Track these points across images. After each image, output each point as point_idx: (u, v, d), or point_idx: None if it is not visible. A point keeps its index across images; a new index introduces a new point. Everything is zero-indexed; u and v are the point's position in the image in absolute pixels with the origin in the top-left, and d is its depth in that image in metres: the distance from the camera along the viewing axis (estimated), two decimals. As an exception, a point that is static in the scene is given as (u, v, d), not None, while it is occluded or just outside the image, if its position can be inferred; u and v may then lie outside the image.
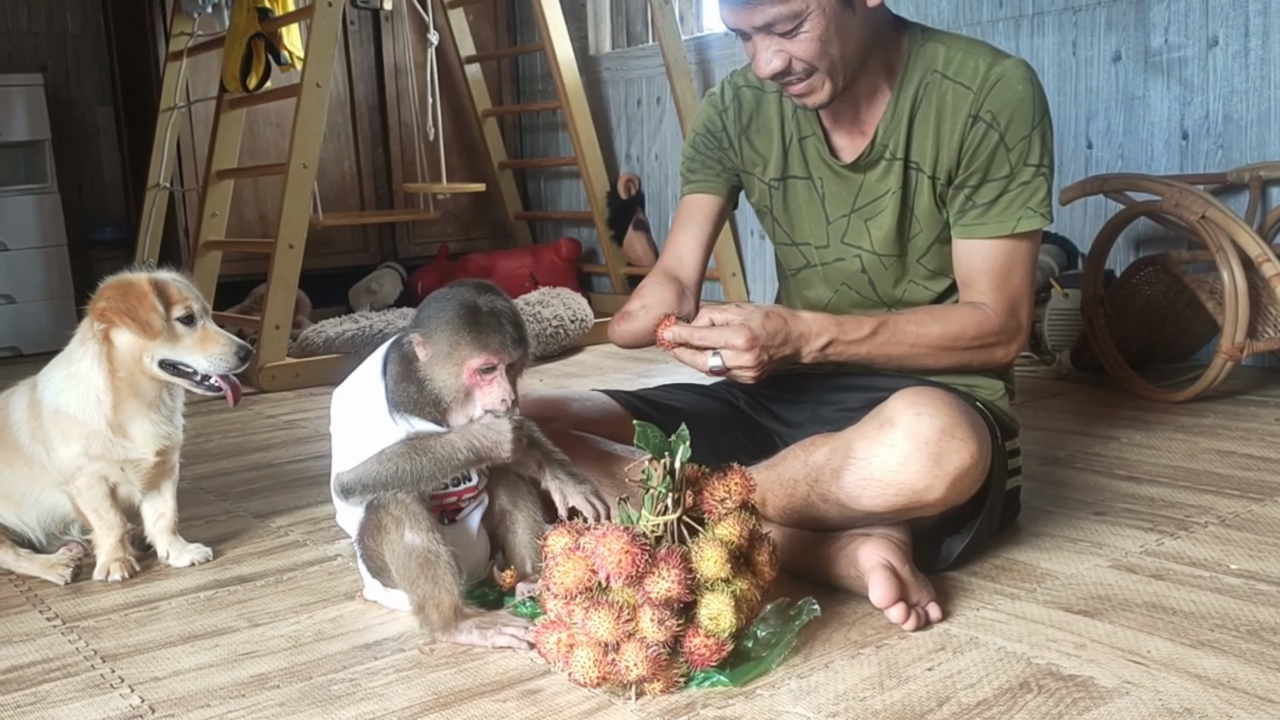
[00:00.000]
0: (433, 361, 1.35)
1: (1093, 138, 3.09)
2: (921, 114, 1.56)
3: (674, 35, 4.05)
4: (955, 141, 1.54)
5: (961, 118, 1.53)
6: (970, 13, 3.32)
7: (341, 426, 1.44)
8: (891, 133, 1.58)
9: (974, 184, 1.55)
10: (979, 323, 1.56)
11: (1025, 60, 1.55)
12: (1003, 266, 1.56)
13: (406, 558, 1.35)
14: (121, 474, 1.67)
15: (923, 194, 1.59)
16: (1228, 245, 2.34)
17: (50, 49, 4.55)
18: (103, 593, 1.63)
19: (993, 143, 1.52)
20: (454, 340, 1.34)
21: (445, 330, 1.34)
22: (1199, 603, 1.40)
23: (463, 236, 4.89)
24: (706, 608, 1.20)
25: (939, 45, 1.57)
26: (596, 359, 3.56)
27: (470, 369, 1.34)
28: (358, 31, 4.61)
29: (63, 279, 4.20)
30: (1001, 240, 1.55)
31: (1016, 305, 1.57)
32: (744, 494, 1.27)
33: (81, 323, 1.66)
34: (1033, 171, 1.53)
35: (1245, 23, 2.76)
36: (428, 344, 1.35)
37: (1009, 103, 1.51)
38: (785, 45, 1.46)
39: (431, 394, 1.36)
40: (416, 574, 1.34)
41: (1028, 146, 1.53)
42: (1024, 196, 1.54)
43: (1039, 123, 1.53)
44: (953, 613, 1.40)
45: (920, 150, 1.57)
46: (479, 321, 1.34)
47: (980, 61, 1.53)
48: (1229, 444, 2.15)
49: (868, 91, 1.58)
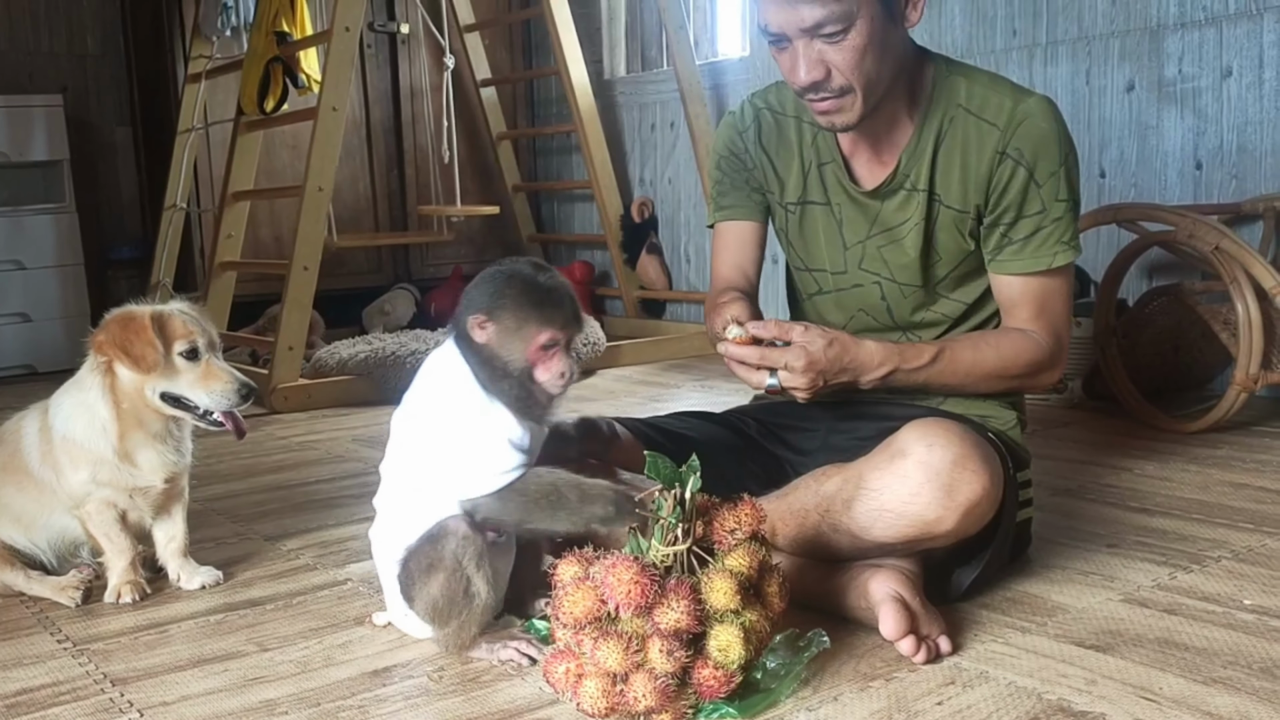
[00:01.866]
0: (497, 339, 1.33)
1: (1106, 167, 3.09)
2: (946, 148, 1.57)
3: (688, 60, 4.07)
4: (983, 178, 1.55)
5: (988, 154, 1.54)
6: (984, 41, 3.33)
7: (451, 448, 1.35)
8: (914, 163, 1.58)
9: (1009, 221, 1.56)
10: (1032, 349, 1.58)
11: (1049, 98, 1.56)
12: (1042, 298, 1.59)
13: (463, 605, 1.34)
14: (130, 501, 1.67)
15: (945, 225, 1.59)
16: (1241, 276, 2.33)
17: (70, 70, 4.59)
18: (113, 615, 1.63)
19: (1022, 180, 1.53)
20: (521, 317, 1.32)
21: (511, 307, 1.32)
22: (1212, 639, 1.39)
23: (476, 258, 4.91)
24: (715, 639, 1.20)
25: (961, 79, 1.57)
26: (609, 383, 3.56)
27: (537, 345, 1.32)
28: (375, 55, 4.65)
29: (79, 298, 4.23)
30: (1039, 276, 1.57)
31: (1059, 332, 1.61)
32: (754, 525, 1.27)
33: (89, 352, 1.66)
34: (1063, 207, 1.55)
35: (1260, 54, 2.76)
36: (491, 322, 1.33)
37: (1036, 140, 1.52)
38: (827, 52, 1.44)
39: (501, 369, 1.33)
40: (465, 613, 1.34)
41: (1058, 183, 1.54)
42: (1058, 233, 1.56)
43: (1065, 159, 1.54)
44: (963, 646, 1.39)
45: (945, 183, 1.57)
46: (544, 298, 1.33)
47: (1005, 99, 1.54)
48: (1243, 476, 2.14)
49: (889, 119, 1.58)
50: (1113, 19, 3.03)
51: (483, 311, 1.33)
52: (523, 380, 1.33)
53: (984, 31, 3.33)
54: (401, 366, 3.28)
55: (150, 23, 4.49)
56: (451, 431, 1.35)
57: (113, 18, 4.68)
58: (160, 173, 4.37)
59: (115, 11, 4.67)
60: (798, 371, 1.45)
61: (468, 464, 1.33)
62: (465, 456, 1.33)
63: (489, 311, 1.33)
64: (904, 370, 1.53)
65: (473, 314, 1.34)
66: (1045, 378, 1.62)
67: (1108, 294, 2.65)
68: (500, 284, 1.34)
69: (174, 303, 1.69)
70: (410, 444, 1.41)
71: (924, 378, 1.55)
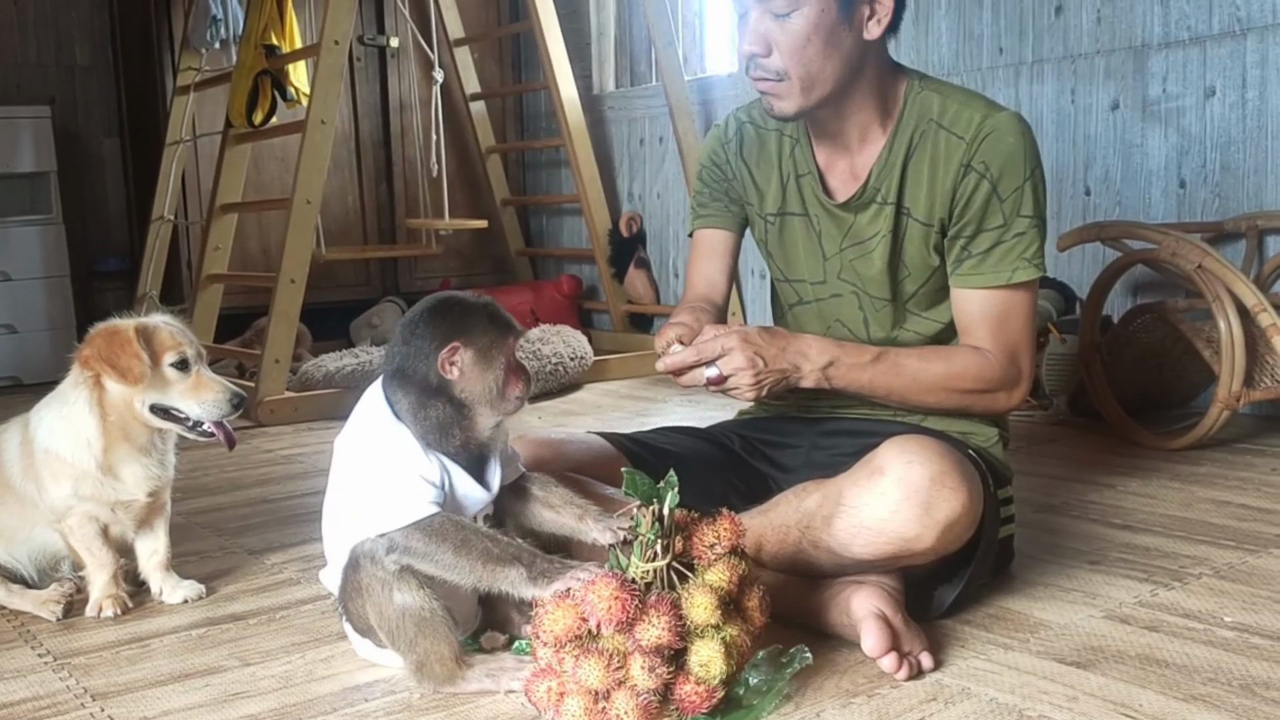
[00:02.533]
0: (472, 365, 1.32)
1: (1091, 184, 3.11)
2: (915, 161, 1.58)
3: (677, 76, 4.09)
4: (948, 190, 1.56)
5: (954, 167, 1.55)
6: (970, 59, 3.35)
7: (364, 485, 1.35)
8: (885, 177, 1.59)
9: (969, 234, 1.57)
10: (980, 366, 1.57)
11: (1020, 114, 1.57)
12: (1000, 315, 1.57)
13: (400, 619, 1.30)
14: (112, 515, 1.67)
15: (913, 239, 1.60)
16: (1224, 294, 2.35)
17: (59, 81, 4.59)
18: (95, 629, 1.62)
19: (985, 193, 1.54)
20: (492, 335, 1.33)
21: (479, 327, 1.33)
22: (1192, 656, 1.39)
23: (464, 272, 4.91)
24: (697, 655, 1.20)
25: (935, 94, 1.59)
26: (595, 397, 3.56)
27: (509, 357, 1.35)
28: (364, 68, 4.65)
29: (65, 310, 4.22)
30: (998, 290, 1.56)
31: (1016, 352, 1.58)
32: (734, 539, 1.27)
33: (73, 366, 1.65)
34: (1027, 223, 1.55)
35: (1243, 74, 2.78)
36: (467, 347, 1.32)
37: (1001, 154, 1.53)
38: (773, 30, 1.49)
39: (458, 408, 1.32)
40: (414, 634, 1.30)
41: (1020, 198, 1.54)
42: (1019, 248, 1.55)
43: (1030, 175, 1.54)
44: (945, 662, 1.40)
45: (913, 196, 1.59)
46: (492, 310, 1.35)
47: (975, 113, 1.55)
48: (1225, 493, 2.15)
49: (860, 132, 1.60)
50: (1097, 38, 3.05)
51: (453, 339, 1.31)
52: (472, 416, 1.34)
53: (970, 49, 3.35)
54: (388, 380, 3.27)
55: (139, 35, 4.49)
56: (365, 464, 1.35)
57: (101, 29, 4.68)
58: (148, 185, 4.36)
59: (104, 23, 4.67)
60: (735, 353, 1.45)
61: (382, 496, 1.31)
62: (379, 488, 1.32)
63: (459, 337, 1.32)
64: (844, 363, 1.52)
65: (444, 348, 1.31)
66: (1001, 399, 1.59)
67: (1092, 311, 2.67)
68: (454, 312, 1.34)
69: (157, 315, 1.69)
70: (335, 483, 1.40)
71: (868, 377, 1.54)
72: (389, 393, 1.36)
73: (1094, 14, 3.05)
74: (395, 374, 1.35)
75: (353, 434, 1.39)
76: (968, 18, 3.35)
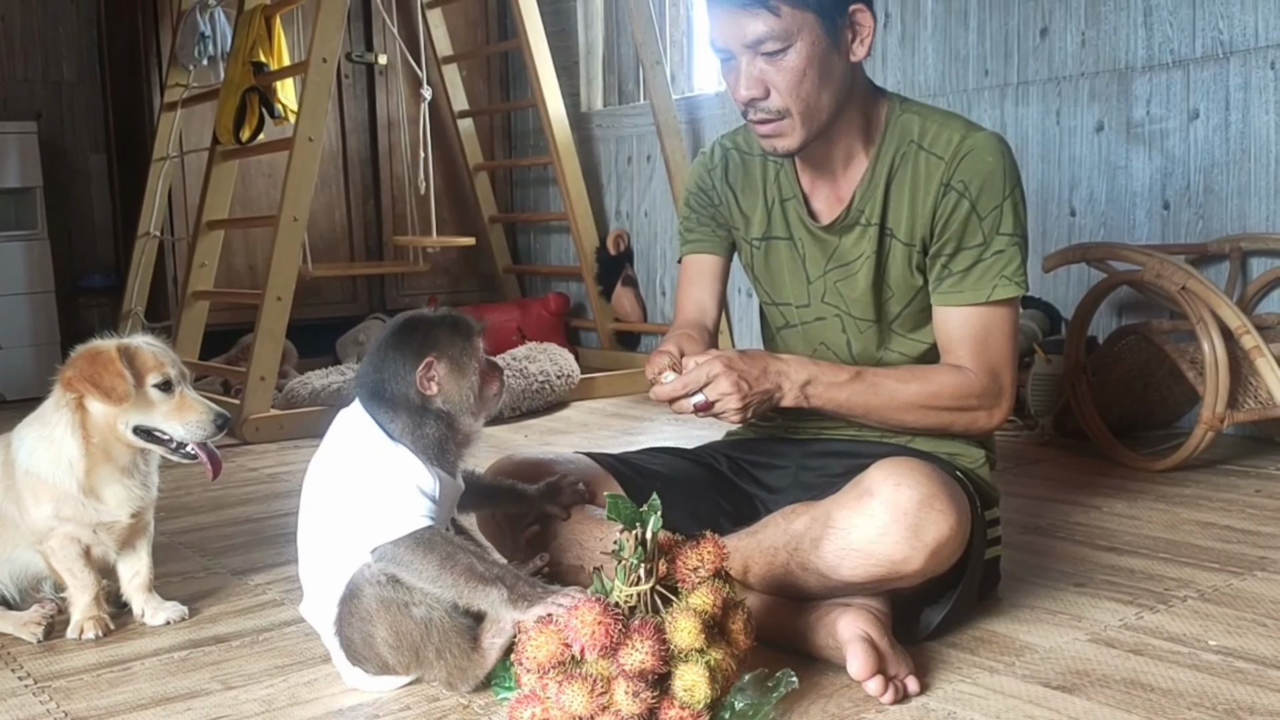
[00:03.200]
0: (449, 376, 1.36)
1: (1076, 205, 3.13)
2: (898, 182, 1.59)
3: (665, 94, 4.10)
4: (928, 210, 1.57)
5: (934, 186, 1.56)
6: (956, 80, 3.37)
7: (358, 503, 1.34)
8: (868, 199, 1.60)
9: (949, 252, 1.57)
10: (958, 384, 1.57)
11: (999, 134, 1.58)
12: (981, 333, 1.58)
13: (424, 633, 1.31)
14: (94, 536, 1.65)
15: (896, 260, 1.61)
16: (1208, 316, 2.36)
17: (45, 97, 4.58)
18: (76, 651, 1.61)
19: (964, 212, 1.55)
20: (461, 345, 1.37)
21: (447, 337, 1.37)
22: (1177, 680, 1.39)
23: (452, 289, 4.91)
24: (681, 679, 1.19)
25: (915, 116, 1.60)
26: (582, 415, 3.55)
27: (482, 359, 1.39)
28: (352, 85, 4.65)
29: (49, 326, 4.20)
30: (978, 308, 1.57)
31: (998, 370, 1.59)
32: (717, 562, 1.27)
33: (55, 388, 1.64)
34: (1007, 241, 1.56)
35: (1226, 97, 2.81)
36: (441, 360, 1.36)
37: (980, 173, 1.54)
38: (767, 71, 1.49)
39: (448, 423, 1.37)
40: (440, 643, 1.32)
41: (1000, 216, 1.55)
42: (999, 265, 1.56)
43: (1010, 193, 1.55)
44: (931, 685, 1.39)
45: (895, 217, 1.60)
46: (456, 319, 1.39)
47: (954, 133, 1.57)
48: (1210, 515, 2.15)
49: (844, 155, 1.61)
50: (1082, 60, 3.08)
51: (431, 354, 1.35)
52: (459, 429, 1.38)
53: (956, 71, 3.37)
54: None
55: (126, 51, 4.48)
56: (360, 484, 1.34)
57: (89, 45, 4.67)
58: (134, 201, 4.35)
59: (91, 39, 4.67)
60: (719, 377, 1.46)
61: (377, 512, 1.32)
62: (375, 505, 1.32)
63: (436, 356, 1.35)
64: (821, 381, 1.53)
65: (419, 364, 1.35)
66: (982, 417, 1.59)
67: (1077, 332, 2.68)
68: (420, 330, 1.38)
69: (139, 336, 1.68)
70: (321, 509, 1.39)
71: (845, 396, 1.54)
72: (376, 416, 1.36)
73: (1078, 37, 3.08)
74: (377, 398, 1.36)
75: (338, 458, 1.38)
76: (953, 39, 3.37)
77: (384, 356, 1.37)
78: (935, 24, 3.42)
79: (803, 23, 1.47)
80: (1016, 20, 3.21)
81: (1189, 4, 2.85)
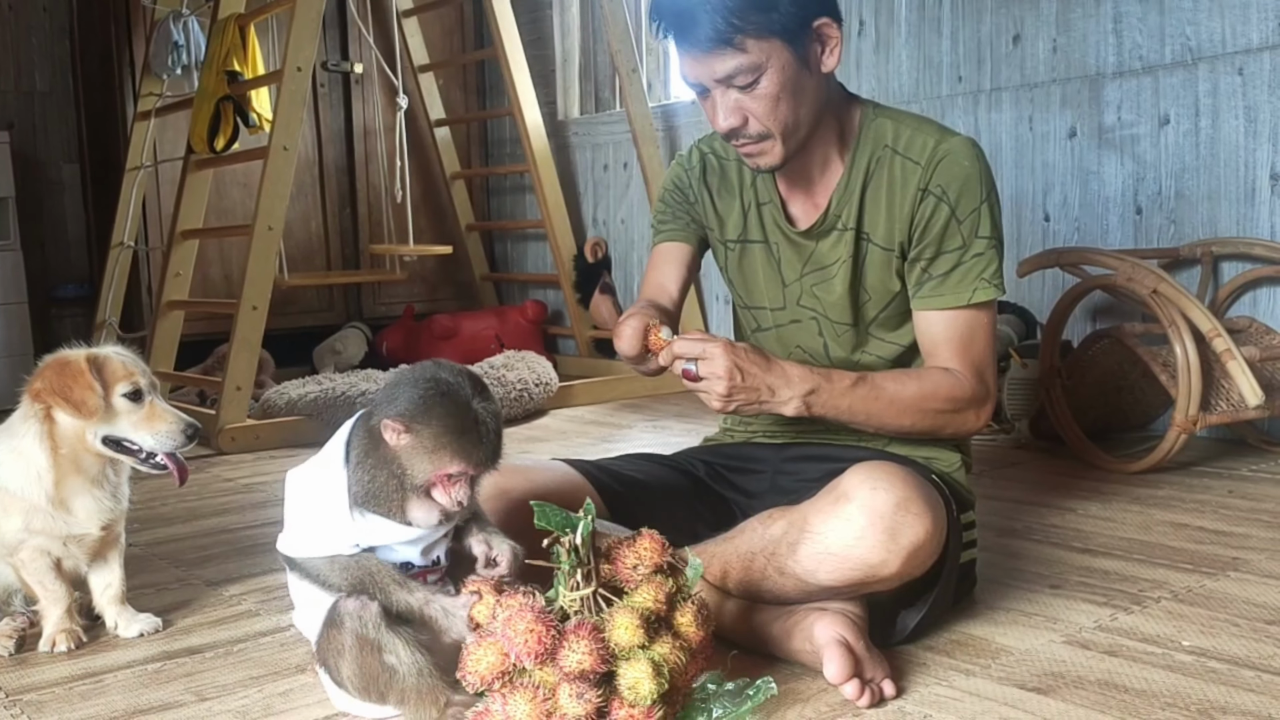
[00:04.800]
0: (409, 451, 1.26)
1: (1050, 210, 3.15)
2: (873, 187, 1.60)
3: (641, 102, 4.11)
4: (906, 215, 1.58)
5: (911, 191, 1.57)
6: (930, 87, 3.40)
7: (294, 512, 1.35)
8: (844, 204, 1.61)
9: (929, 256, 1.59)
10: (951, 385, 1.58)
11: (972, 138, 1.60)
12: (964, 335, 1.59)
13: (388, 681, 1.26)
14: (65, 549, 1.64)
15: (874, 264, 1.62)
16: (1179, 320, 2.38)
17: (18, 106, 4.54)
18: (48, 664, 1.59)
19: (944, 216, 1.56)
20: (440, 441, 1.25)
21: (433, 429, 1.25)
22: (1151, 680, 1.40)
23: (429, 297, 4.90)
24: (624, 677, 1.17)
25: (889, 121, 1.62)
26: (561, 423, 3.55)
27: (445, 473, 1.26)
28: (328, 94, 4.64)
29: (22, 337, 4.16)
30: (960, 311, 1.58)
31: (982, 371, 1.61)
32: (656, 557, 1.25)
33: (23, 399, 1.62)
34: (985, 244, 1.57)
35: (1195, 103, 2.83)
36: (409, 435, 1.25)
37: (957, 177, 1.56)
38: (743, 101, 1.51)
39: (395, 479, 1.27)
40: (408, 694, 1.26)
41: (977, 219, 1.57)
42: (978, 268, 1.57)
43: (986, 197, 1.57)
44: (907, 689, 1.40)
45: (872, 222, 1.61)
46: (469, 429, 1.25)
47: (929, 138, 1.58)
48: (1183, 516, 2.17)
49: (821, 161, 1.63)
50: (1054, 67, 3.10)
51: (403, 420, 1.25)
52: (408, 490, 1.28)
53: (930, 78, 3.40)
54: (352, 407, 3.25)
55: (100, 60, 4.45)
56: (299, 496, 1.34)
57: (62, 55, 4.64)
58: (108, 210, 4.32)
59: (64, 48, 4.64)
60: (716, 356, 1.45)
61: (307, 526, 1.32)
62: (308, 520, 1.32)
63: (409, 424, 1.25)
64: (827, 390, 1.52)
65: (393, 418, 1.25)
66: (971, 418, 1.61)
67: (1052, 336, 2.70)
68: (432, 399, 1.26)
69: (108, 346, 1.66)
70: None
71: (848, 403, 1.54)
72: (355, 432, 1.33)
73: (1050, 43, 3.10)
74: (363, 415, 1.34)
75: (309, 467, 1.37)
76: (927, 46, 3.39)
77: (396, 384, 1.29)
78: (909, 31, 3.44)
79: (770, 51, 1.48)
80: (989, 27, 3.24)
81: (1158, 11, 2.88)
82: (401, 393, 1.27)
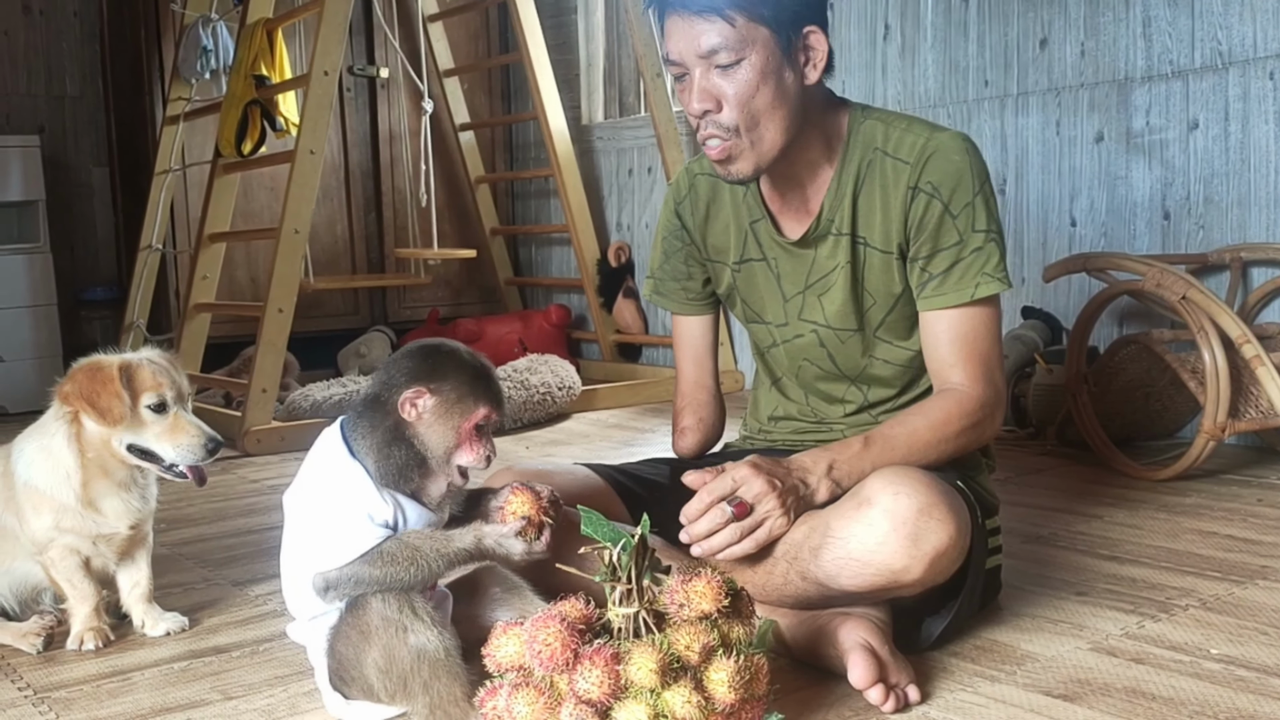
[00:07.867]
0: (433, 415, 1.29)
1: (1077, 215, 3.13)
2: (866, 190, 1.59)
3: (665, 107, 4.12)
4: (899, 215, 1.57)
5: (901, 191, 1.56)
6: (957, 91, 3.38)
7: (312, 523, 1.32)
8: (836, 209, 1.60)
9: (926, 254, 1.57)
10: (959, 403, 1.56)
11: (964, 133, 1.58)
12: (969, 334, 1.57)
13: (415, 662, 1.24)
14: (93, 548, 1.65)
15: (873, 267, 1.61)
16: (1208, 326, 2.36)
17: (48, 111, 4.60)
18: (76, 662, 1.61)
19: (937, 212, 1.55)
20: (461, 390, 1.30)
21: (451, 380, 1.29)
22: (1178, 688, 1.39)
23: (453, 301, 4.91)
24: (616, 715, 1.11)
25: (878, 123, 1.60)
26: (584, 427, 3.56)
27: (473, 422, 1.30)
28: (354, 98, 4.67)
29: (51, 339, 4.20)
30: (964, 309, 1.57)
31: (990, 370, 1.58)
32: (706, 605, 1.16)
33: (54, 399, 1.64)
34: (983, 238, 1.55)
35: (1225, 107, 2.81)
36: (432, 394, 1.28)
37: (947, 173, 1.54)
38: (720, 84, 1.49)
39: (418, 455, 1.30)
40: (429, 677, 1.24)
41: (973, 213, 1.55)
42: (979, 263, 1.55)
43: (980, 189, 1.55)
44: (932, 695, 1.39)
45: (867, 225, 1.60)
46: (483, 373, 1.32)
47: (917, 137, 1.57)
48: (1211, 524, 2.15)
49: (810, 170, 1.61)
50: (1082, 71, 3.08)
51: (421, 383, 1.28)
52: (431, 467, 1.31)
53: (956, 82, 3.38)
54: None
55: (129, 65, 4.50)
56: (312, 508, 1.32)
57: (92, 59, 4.69)
58: (136, 214, 4.36)
59: (94, 53, 4.69)
60: (749, 479, 1.41)
61: (323, 538, 1.29)
62: (322, 531, 1.29)
63: (429, 383, 1.29)
64: (842, 459, 1.49)
65: (410, 387, 1.28)
66: (989, 427, 1.58)
67: (1078, 341, 2.68)
68: (437, 358, 1.31)
69: (145, 351, 1.67)
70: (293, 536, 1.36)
71: (869, 463, 1.49)
72: (348, 430, 1.33)
73: (1078, 47, 3.08)
74: (366, 406, 1.33)
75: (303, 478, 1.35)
76: (953, 50, 3.38)
77: (392, 365, 1.33)
78: (935, 35, 3.43)
79: (756, 36, 1.47)
80: (1016, 31, 3.22)
81: (1188, 15, 2.86)
82: (400, 371, 1.32)
